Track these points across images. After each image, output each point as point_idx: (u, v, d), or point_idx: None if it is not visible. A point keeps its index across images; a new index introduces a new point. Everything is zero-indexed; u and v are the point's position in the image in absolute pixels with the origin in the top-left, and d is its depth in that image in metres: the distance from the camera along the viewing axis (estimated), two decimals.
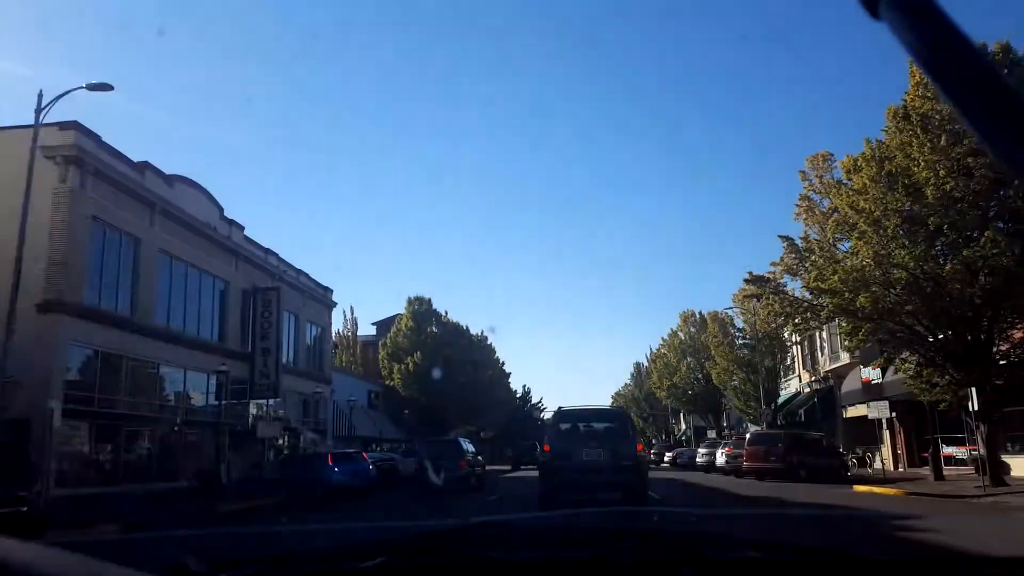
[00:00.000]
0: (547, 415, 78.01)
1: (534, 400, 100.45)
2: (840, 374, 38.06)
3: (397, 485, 28.00)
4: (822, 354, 40.69)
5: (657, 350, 61.78)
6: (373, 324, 70.91)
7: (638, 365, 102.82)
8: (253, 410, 33.47)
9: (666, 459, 53.51)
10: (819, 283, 20.31)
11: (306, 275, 41.54)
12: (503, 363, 63.92)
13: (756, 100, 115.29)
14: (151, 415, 26.01)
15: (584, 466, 14.74)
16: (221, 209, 32.71)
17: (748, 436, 27.58)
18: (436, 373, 54.76)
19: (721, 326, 44.68)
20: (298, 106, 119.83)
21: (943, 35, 0.78)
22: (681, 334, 58.97)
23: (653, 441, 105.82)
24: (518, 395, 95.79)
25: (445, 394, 55.14)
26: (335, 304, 45.55)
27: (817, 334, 41.30)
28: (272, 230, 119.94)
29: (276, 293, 34.55)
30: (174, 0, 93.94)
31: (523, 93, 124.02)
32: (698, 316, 59.23)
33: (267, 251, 36.90)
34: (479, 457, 29.59)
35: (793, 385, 46.12)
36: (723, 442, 34.84)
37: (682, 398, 58.43)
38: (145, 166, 26.83)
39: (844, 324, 22.07)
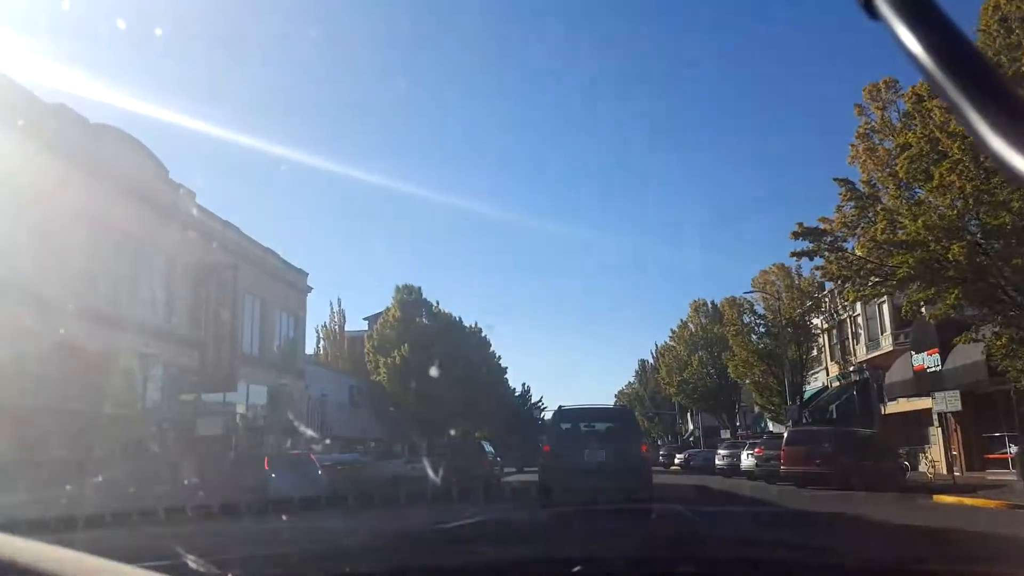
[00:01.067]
0: (547, 414, 74.15)
1: (534, 399, 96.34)
2: (879, 364, 33.49)
3: (371, 494, 23.42)
4: (856, 342, 36.10)
5: (665, 343, 57.31)
6: (365, 319, 66.19)
7: (643, 362, 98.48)
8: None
9: (677, 461, 48.91)
10: (892, 234, 15.80)
11: (275, 254, 36.99)
12: (499, 357, 59.41)
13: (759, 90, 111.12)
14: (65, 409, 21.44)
15: (585, 467, 14.09)
16: (165, 171, 28.19)
17: (786, 434, 23.01)
18: (434, 372, 50.18)
19: (739, 313, 40.11)
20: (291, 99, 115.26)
21: (940, 34, 0.78)
22: (692, 325, 54.39)
23: (659, 442, 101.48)
24: (517, 393, 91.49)
25: (435, 390, 50.53)
26: (310, 289, 40.99)
27: (849, 320, 36.73)
28: (258, 220, 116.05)
29: (233, 272, 29.99)
30: None
31: (522, 86, 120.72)
32: (710, 306, 54.63)
33: (225, 224, 32.35)
34: (497, 457, 31.91)
35: (819, 379, 41.55)
36: (748, 442, 30.25)
37: (693, 395, 53.83)
38: (62, 109, 22.32)
39: (917, 291, 17.45)
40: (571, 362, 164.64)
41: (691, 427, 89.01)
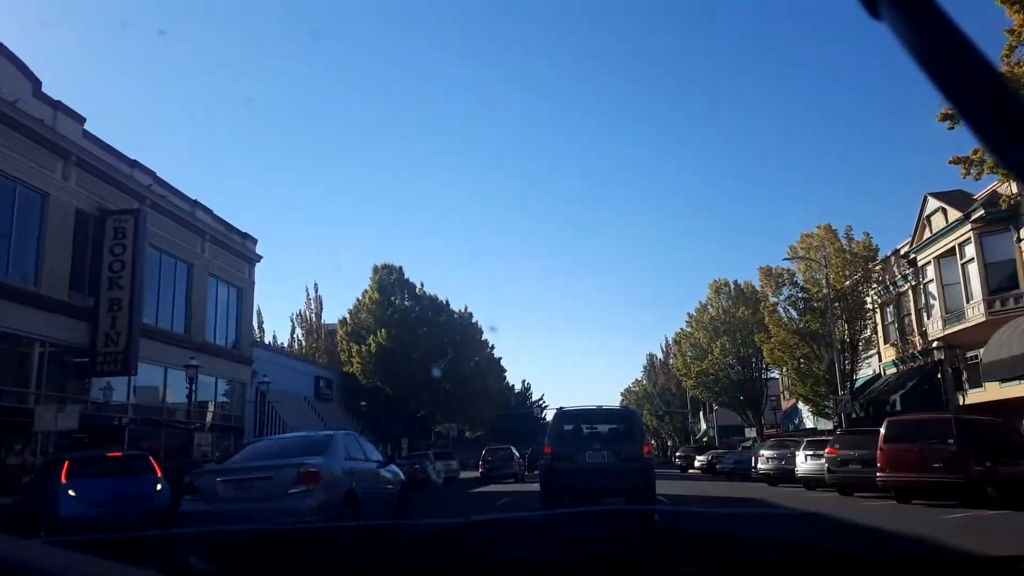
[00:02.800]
0: (549, 412, 74.30)
1: (535, 397, 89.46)
2: (961, 342, 26.56)
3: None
4: (927, 316, 29.12)
5: (681, 330, 50.29)
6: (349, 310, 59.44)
7: (651, 357, 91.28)
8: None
9: (698, 464, 41.92)
10: None
11: (206, 209, 30.14)
12: (492, 347, 52.46)
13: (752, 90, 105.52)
14: None
15: (587, 469, 13.83)
16: (37, 83, 21.42)
17: (885, 427, 16.08)
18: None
19: (777, 285, 33.15)
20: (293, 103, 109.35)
21: (944, 35, 0.78)
22: (712, 308, 47.39)
23: (669, 443, 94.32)
24: (516, 390, 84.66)
25: (417, 382, 43.70)
26: (258, 258, 34.11)
27: (913, 293, 29.80)
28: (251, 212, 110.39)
29: (133, 218, 23.15)
30: None
31: (521, 83, 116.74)
32: (732, 286, 47.67)
33: (133, 163, 25.54)
34: (522, 460, 36.32)
35: (871, 366, 34.57)
36: (807, 439, 23.32)
37: (714, 388, 46.81)
38: None
39: None
40: (573, 359, 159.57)
41: (703, 426, 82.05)
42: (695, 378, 46.78)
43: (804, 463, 21.60)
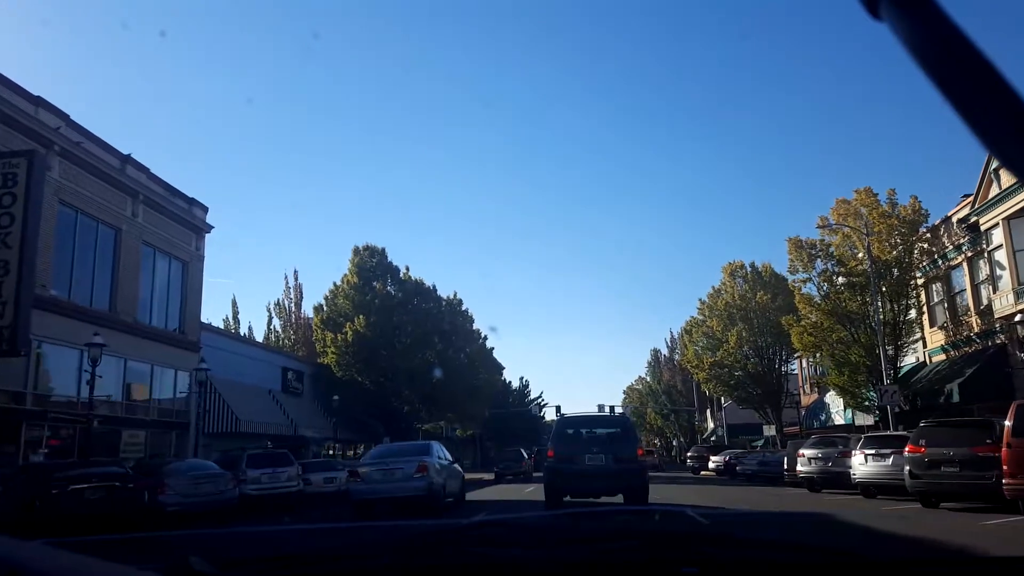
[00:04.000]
0: (549, 410, 74.59)
1: (533, 395, 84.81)
2: None
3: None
4: (994, 290, 24.57)
5: (692, 318, 45.69)
6: (325, 296, 54.88)
7: (655, 352, 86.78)
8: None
9: (712, 465, 37.41)
10: None
11: (140, 167, 25.63)
12: (484, 337, 47.89)
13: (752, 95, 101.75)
14: None
15: (587, 470, 15.02)
16: None
17: (1013, 414, 11.67)
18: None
19: (809, 258, 28.54)
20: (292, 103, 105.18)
21: (944, 35, 0.78)
22: (726, 293, 42.81)
23: (675, 442, 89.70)
24: (513, 387, 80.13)
25: (400, 375, 39.21)
26: (208, 228, 29.60)
27: (986, 257, 25.22)
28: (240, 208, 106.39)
29: (26, 162, 18.62)
30: None
31: (522, 83, 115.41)
32: (749, 269, 43.13)
33: (37, 100, 21.03)
34: (530, 460, 38.44)
35: (915, 353, 30.03)
36: (864, 436, 18.80)
37: (729, 381, 42.22)
38: None
39: None
40: (574, 358, 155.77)
41: (711, 424, 77.51)
42: (708, 370, 42.20)
43: (864, 465, 17.09)
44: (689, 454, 44.42)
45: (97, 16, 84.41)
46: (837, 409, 35.19)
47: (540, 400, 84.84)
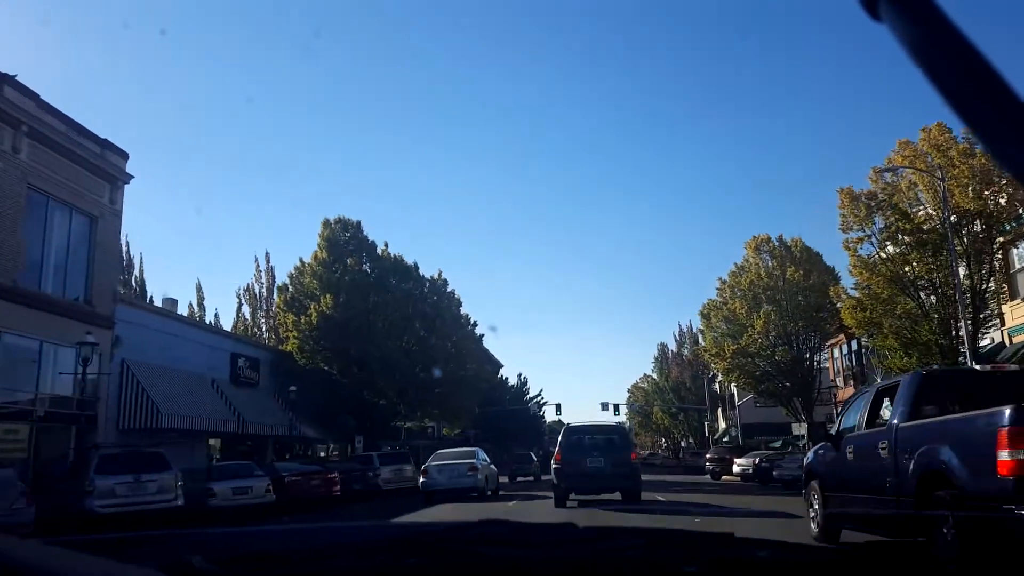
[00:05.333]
0: (549, 408, 75.34)
1: (531, 392, 79.32)
2: None
3: None
4: None
5: (710, 301, 40.09)
6: (290, 273, 49.28)
7: (662, 347, 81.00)
8: None
9: (737, 469, 31.90)
10: None
11: (27, 91, 20.08)
12: (474, 323, 42.29)
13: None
14: None
15: (589, 471, 17.46)
16: None
17: None
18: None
19: (868, 213, 22.96)
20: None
21: (944, 36, 0.77)
22: (751, 271, 37.26)
23: (683, 444, 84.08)
24: (510, 384, 74.72)
25: (373, 363, 33.74)
26: (127, 179, 24.13)
27: None
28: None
29: None
30: None
31: (522, 82, 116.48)
32: (776, 243, 37.63)
33: None
34: (537, 461, 42.11)
35: (992, 331, 24.52)
36: None
37: (754, 372, 36.68)
38: None
39: None
40: (575, 355, 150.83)
41: (722, 424, 71.98)
42: (729, 359, 36.67)
43: None
44: (708, 456, 38.84)
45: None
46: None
47: (539, 398, 79.52)
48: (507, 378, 74.16)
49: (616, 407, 66.89)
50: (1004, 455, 6.19)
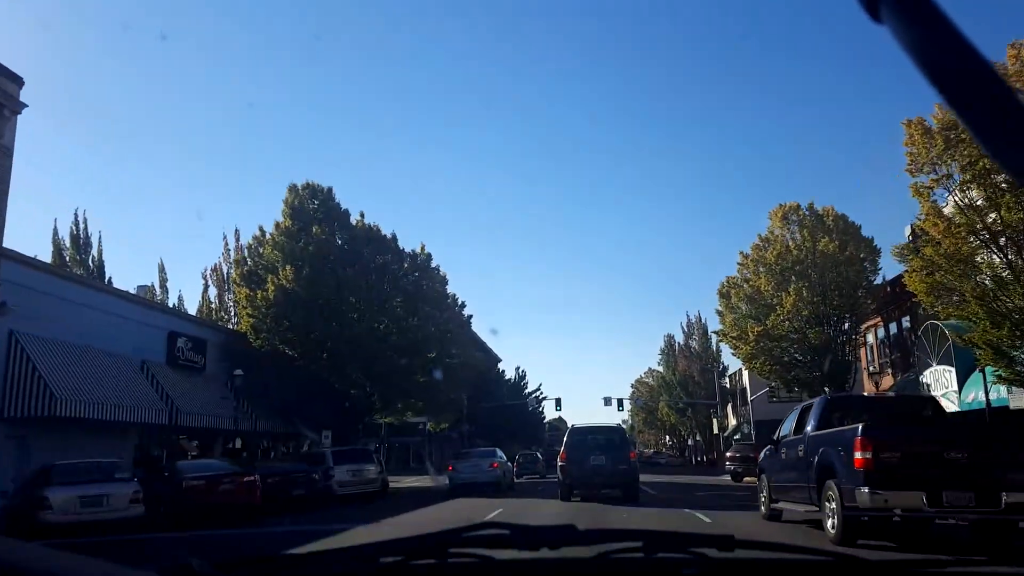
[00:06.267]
0: (548, 404, 75.62)
1: (530, 387, 74.49)
2: None
3: None
4: None
5: (730, 279, 35.27)
6: (248, 244, 44.41)
7: (669, 339, 76.21)
8: None
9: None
10: None
11: None
12: (462, 304, 37.43)
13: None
14: None
15: (592, 468, 19.34)
16: None
17: None
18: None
19: (945, 144, 18.17)
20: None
21: (944, 38, 0.77)
22: (778, 243, 32.46)
23: (690, 442, 79.31)
24: (507, 377, 70.01)
25: (342, 347, 29.04)
26: (19, 108, 19.37)
27: None
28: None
29: None
30: None
31: (522, 81, 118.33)
32: (807, 212, 32.85)
33: None
34: (544, 461, 42.65)
35: None
36: None
37: (783, 358, 31.90)
38: None
39: None
40: (577, 351, 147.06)
41: (733, 421, 67.20)
42: (753, 344, 31.90)
43: None
44: (729, 455, 34.18)
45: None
46: (945, 389, 24.98)
47: (539, 393, 74.78)
48: (504, 371, 69.54)
49: (620, 402, 62.57)
50: (858, 455, 9.62)
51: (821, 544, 8.90)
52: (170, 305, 36.46)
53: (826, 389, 32.57)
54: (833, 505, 10.07)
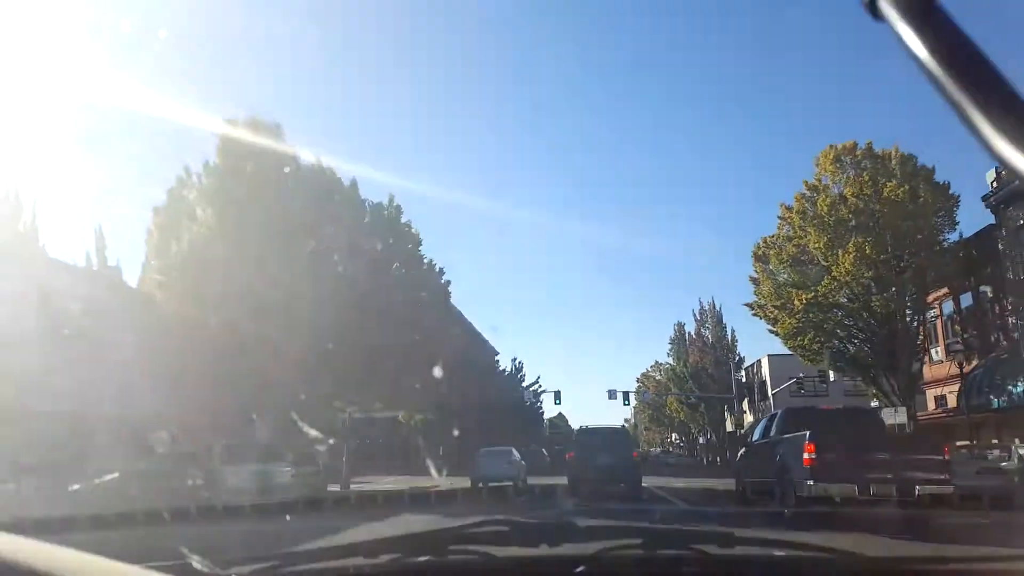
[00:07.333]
0: (547, 397, 71.84)
1: (528, 380, 67.99)
2: None
3: None
4: None
5: (766, 239, 28.51)
6: (170, 189, 37.91)
7: (680, 328, 69.70)
8: None
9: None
10: None
11: None
12: (441, 269, 30.78)
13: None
14: None
15: (597, 468, 20.44)
16: None
17: None
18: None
19: None
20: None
21: (944, 35, 0.77)
22: (832, 189, 25.88)
23: (701, 440, 72.84)
24: (501, 368, 63.63)
25: (274, 316, 22.58)
26: None
27: None
28: None
29: None
30: None
31: (522, 81, 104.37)
32: (864, 152, 26.30)
33: None
34: (549, 458, 45.42)
35: None
36: None
37: (838, 332, 25.38)
38: None
39: None
40: (580, 346, 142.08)
41: (748, 418, 60.68)
42: (799, 316, 25.36)
43: None
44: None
45: None
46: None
47: (537, 386, 68.30)
48: (498, 362, 63.21)
49: (626, 395, 56.50)
50: (805, 456, 12.10)
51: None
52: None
53: (887, 378, 26.19)
54: (788, 493, 12.73)
